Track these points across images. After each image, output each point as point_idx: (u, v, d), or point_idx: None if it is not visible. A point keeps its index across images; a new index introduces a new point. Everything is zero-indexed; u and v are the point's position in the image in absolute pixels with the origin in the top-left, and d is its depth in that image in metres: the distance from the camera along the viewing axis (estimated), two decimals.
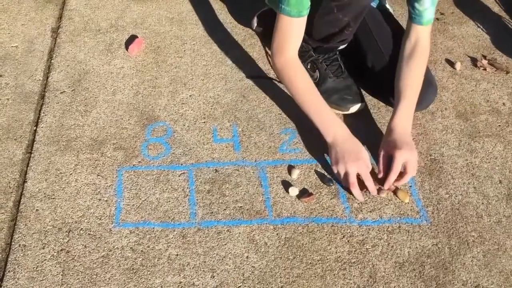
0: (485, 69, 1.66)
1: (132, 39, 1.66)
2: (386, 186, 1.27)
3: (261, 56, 1.63)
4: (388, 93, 1.45)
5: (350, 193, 1.28)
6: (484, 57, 1.70)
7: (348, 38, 1.46)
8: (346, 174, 1.26)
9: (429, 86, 1.42)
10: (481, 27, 1.82)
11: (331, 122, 1.30)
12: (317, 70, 1.49)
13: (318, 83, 1.48)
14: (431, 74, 1.45)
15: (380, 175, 1.29)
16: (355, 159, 1.25)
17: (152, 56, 1.63)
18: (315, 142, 1.40)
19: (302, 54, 1.50)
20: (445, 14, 1.86)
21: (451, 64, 1.67)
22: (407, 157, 1.25)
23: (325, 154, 1.37)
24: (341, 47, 1.48)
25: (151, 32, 1.71)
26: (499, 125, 1.50)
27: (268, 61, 1.62)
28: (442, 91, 1.58)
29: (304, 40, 1.46)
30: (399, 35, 1.48)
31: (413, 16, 1.36)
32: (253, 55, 1.65)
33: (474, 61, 1.69)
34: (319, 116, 1.31)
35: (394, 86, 1.37)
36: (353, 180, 1.25)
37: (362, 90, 1.52)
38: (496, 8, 1.91)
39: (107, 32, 1.70)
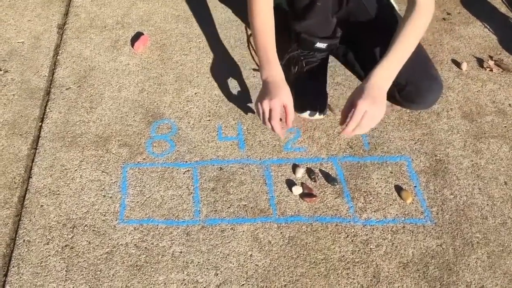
0: (491, 70, 1.65)
1: (137, 36, 1.66)
2: (343, 133, 1.22)
3: None
4: (394, 90, 1.44)
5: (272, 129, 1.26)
6: (491, 57, 1.70)
7: (328, 37, 1.43)
8: (263, 111, 1.25)
9: (433, 81, 1.40)
10: (488, 27, 1.81)
11: (270, 64, 1.30)
12: (296, 67, 1.48)
13: (292, 79, 1.46)
14: (435, 70, 1.43)
15: (341, 122, 1.24)
16: (272, 97, 1.23)
17: (157, 53, 1.63)
18: (320, 141, 1.40)
19: (285, 48, 1.48)
20: (452, 14, 1.86)
21: (457, 64, 1.66)
22: (367, 108, 1.19)
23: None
24: (321, 46, 1.45)
25: (156, 29, 1.71)
26: (505, 126, 1.50)
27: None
28: (448, 91, 1.57)
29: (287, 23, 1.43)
30: None
31: None
32: None
33: (480, 61, 1.68)
34: (263, 55, 1.32)
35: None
36: (265, 116, 1.24)
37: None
38: (503, 9, 1.90)
39: (113, 29, 1.70)
